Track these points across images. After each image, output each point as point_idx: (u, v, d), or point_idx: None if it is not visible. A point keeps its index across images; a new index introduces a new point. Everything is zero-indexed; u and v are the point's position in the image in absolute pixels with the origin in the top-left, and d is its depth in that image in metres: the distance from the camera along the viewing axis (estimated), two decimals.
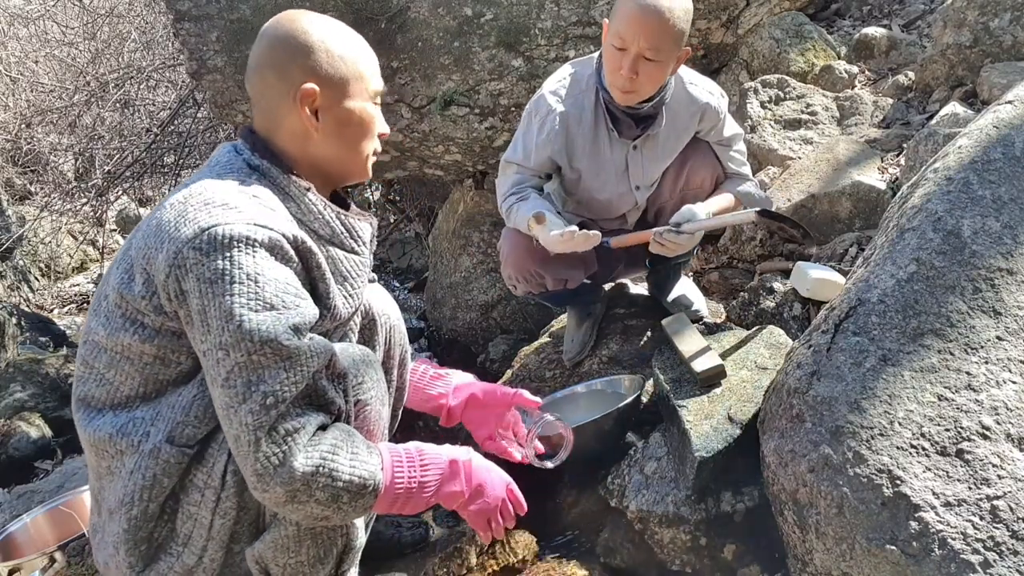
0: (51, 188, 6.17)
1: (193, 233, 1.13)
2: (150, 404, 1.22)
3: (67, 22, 6.18)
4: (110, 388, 1.24)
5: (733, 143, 2.05)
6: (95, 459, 1.26)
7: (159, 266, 1.15)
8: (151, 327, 1.19)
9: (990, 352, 1.34)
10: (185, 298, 1.14)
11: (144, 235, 1.20)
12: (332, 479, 1.16)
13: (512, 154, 2.01)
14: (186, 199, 1.19)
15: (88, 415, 1.25)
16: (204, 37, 3.21)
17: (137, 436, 1.20)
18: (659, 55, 1.73)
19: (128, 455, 1.21)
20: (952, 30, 2.81)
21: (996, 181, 1.49)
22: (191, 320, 1.15)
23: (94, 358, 1.25)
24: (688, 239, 1.85)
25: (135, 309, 1.19)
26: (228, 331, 1.11)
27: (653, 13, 1.70)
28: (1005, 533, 1.19)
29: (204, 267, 1.12)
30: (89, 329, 1.26)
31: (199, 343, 1.15)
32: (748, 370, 1.81)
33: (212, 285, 1.12)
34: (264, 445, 1.12)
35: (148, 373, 1.22)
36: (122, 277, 1.21)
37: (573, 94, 1.91)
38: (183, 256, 1.13)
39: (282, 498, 1.14)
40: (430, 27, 3.09)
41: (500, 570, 1.76)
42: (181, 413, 1.20)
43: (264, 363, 1.12)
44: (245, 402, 1.12)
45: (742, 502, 1.61)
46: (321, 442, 1.16)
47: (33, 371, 3.79)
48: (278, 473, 1.12)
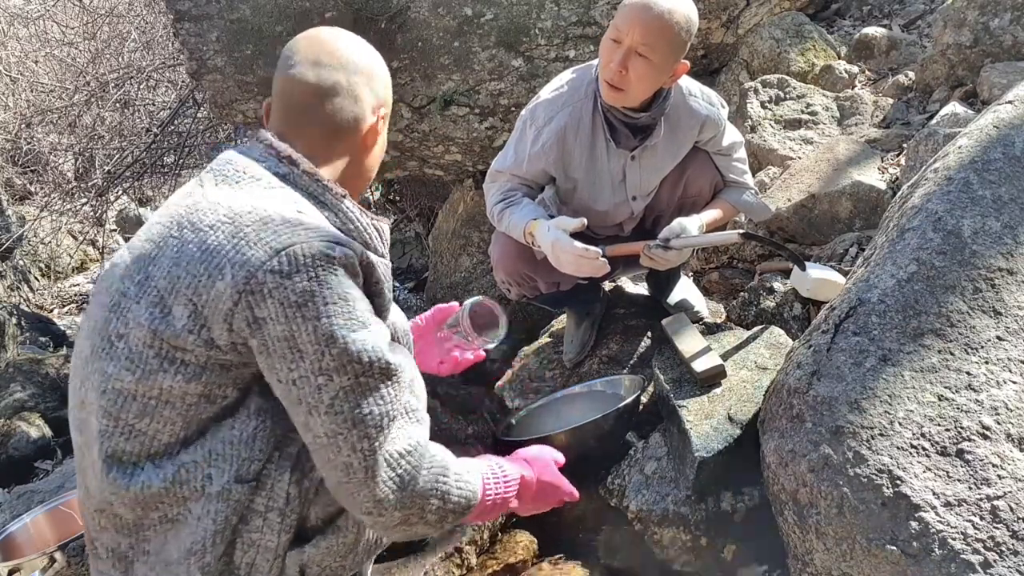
0: (51, 188, 6.16)
1: (266, 255, 1.05)
2: (195, 445, 1.12)
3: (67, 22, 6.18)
4: (144, 440, 1.11)
5: (733, 152, 2.04)
6: (138, 513, 1.13)
7: (219, 295, 1.06)
8: (195, 364, 1.09)
9: (990, 352, 1.34)
10: (261, 326, 1.06)
11: (179, 263, 1.09)
12: (444, 501, 1.15)
13: (503, 162, 1.99)
14: (233, 219, 1.09)
15: (123, 473, 1.11)
16: (204, 37, 3.21)
17: (198, 481, 1.11)
18: (652, 53, 1.72)
19: (194, 501, 1.11)
20: (952, 30, 2.81)
21: (996, 181, 1.49)
22: (270, 349, 1.06)
23: (120, 409, 1.11)
24: (676, 255, 1.85)
25: (173, 347, 1.08)
26: (330, 355, 1.06)
27: (652, 9, 1.70)
28: (1005, 533, 1.19)
29: (287, 290, 1.05)
30: (105, 376, 1.11)
31: (284, 372, 1.07)
32: (748, 370, 1.81)
33: (301, 308, 1.05)
34: (382, 471, 1.08)
35: (191, 415, 1.11)
36: (152, 313, 1.09)
37: (571, 102, 1.89)
38: (258, 281, 1.05)
39: (395, 522, 1.11)
40: (430, 27, 3.08)
41: (500, 570, 1.76)
42: (246, 450, 1.12)
43: (371, 384, 1.08)
44: (356, 427, 1.07)
45: (742, 502, 1.61)
46: (433, 462, 1.14)
47: (33, 371, 3.79)
48: (398, 499, 1.09)
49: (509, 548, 1.82)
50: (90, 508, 1.18)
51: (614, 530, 1.81)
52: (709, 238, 1.92)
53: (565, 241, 1.75)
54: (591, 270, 1.78)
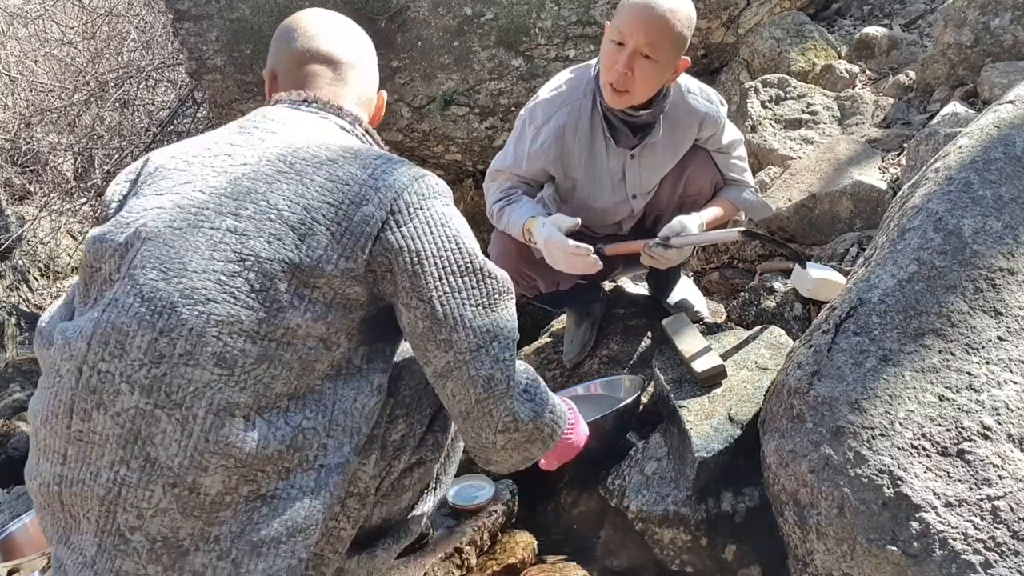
0: (50, 188, 6.16)
1: (408, 179, 1.13)
2: (310, 409, 1.07)
3: (66, 22, 6.18)
4: (258, 388, 1.04)
5: (733, 150, 2.03)
6: (231, 484, 1.02)
7: (365, 219, 1.08)
8: (322, 302, 1.07)
9: (991, 352, 1.34)
10: (408, 243, 1.10)
11: (305, 196, 1.08)
12: (554, 415, 1.20)
13: (503, 162, 1.99)
14: (356, 153, 1.15)
15: (236, 431, 1.02)
16: (203, 36, 3.21)
17: (312, 451, 1.06)
18: (656, 54, 1.72)
19: (299, 473, 1.05)
20: (953, 29, 2.81)
21: (997, 181, 1.49)
22: (413, 267, 1.09)
23: (238, 354, 1.03)
24: (677, 253, 1.85)
25: (303, 282, 1.05)
26: (471, 270, 1.12)
27: (655, 10, 1.70)
28: (1006, 533, 1.18)
29: (431, 211, 1.13)
30: (216, 321, 1.02)
31: (428, 289, 1.09)
32: (749, 370, 1.80)
33: (444, 227, 1.13)
34: (520, 379, 1.14)
35: (306, 363, 1.07)
36: (280, 245, 1.05)
37: (570, 102, 1.89)
38: (405, 201, 1.11)
39: (524, 438, 1.16)
40: (430, 27, 3.08)
41: (500, 570, 1.76)
42: (365, 424, 1.12)
43: (502, 300, 1.15)
44: (496, 338, 1.12)
45: (742, 502, 1.61)
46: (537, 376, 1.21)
47: (33, 371, 3.79)
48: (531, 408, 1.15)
49: (509, 548, 1.81)
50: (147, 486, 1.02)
51: (614, 530, 1.81)
52: (709, 236, 1.92)
53: (558, 238, 1.76)
54: (583, 267, 1.78)
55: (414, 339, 1.14)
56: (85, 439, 1.04)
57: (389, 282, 1.11)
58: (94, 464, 1.03)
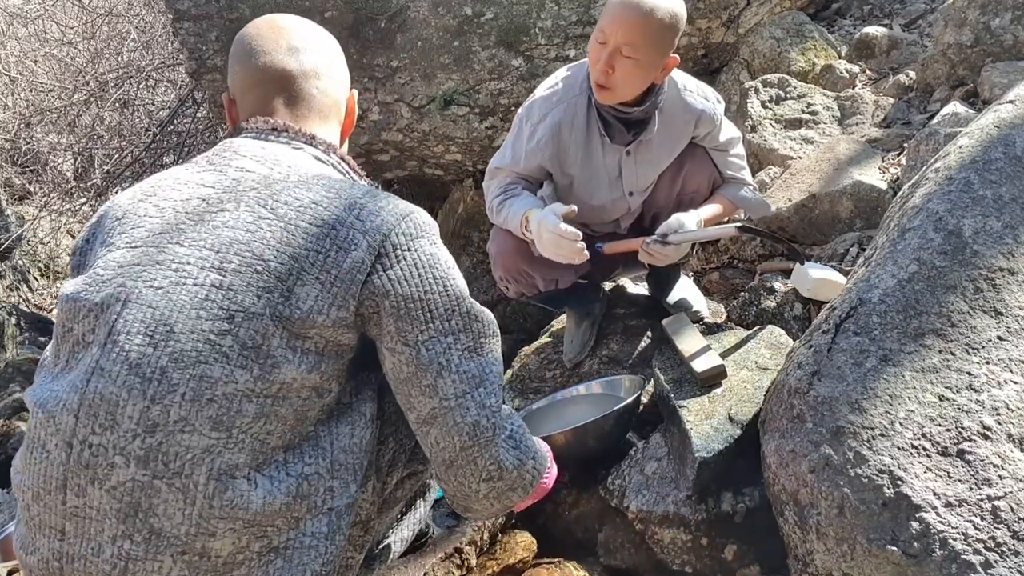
0: (50, 188, 6.16)
1: (394, 219, 1.09)
2: (307, 454, 1.06)
3: (66, 22, 6.18)
4: (255, 446, 1.01)
5: (730, 148, 2.03)
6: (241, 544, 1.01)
7: (356, 265, 1.05)
8: (314, 352, 1.05)
9: (991, 352, 1.34)
10: (394, 287, 1.06)
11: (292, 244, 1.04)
12: (536, 461, 1.17)
13: (501, 160, 2.00)
14: (338, 192, 1.09)
15: (237, 491, 1.00)
16: (203, 36, 3.21)
17: (319, 496, 1.05)
18: (636, 53, 1.72)
19: (309, 520, 1.04)
20: (953, 29, 2.81)
21: (997, 181, 1.49)
22: (400, 312, 1.06)
23: (235, 414, 1.00)
24: (675, 251, 1.85)
25: (294, 334, 1.03)
26: (458, 314, 1.09)
27: (634, 9, 1.70)
28: (1006, 533, 1.18)
29: (418, 252, 1.09)
30: (209, 382, 0.99)
31: (413, 334, 1.07)
32: (749, 370, 1.80)
33: (431, 269, 1.09)
34: (505, 424, 1.12)
35: (300, 414, 1.05)
36: (269, 299, 1.02)
37: (566, 99, 1.90)
38: (392, 243, 1.07)
39: (507, 485, 1.13)
40: (430, 26, 3.08)
41: (500, 570, 1.76)
42: (365, 457, 1.10)
43: (489, 344, 1.13)
44: (482, 384, 1.09)
45: (743, 502, 1.61)
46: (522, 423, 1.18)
47: (32, 371, 3.78)
48: (515, 456, 1.12)
49: (509, 548, 1.81)
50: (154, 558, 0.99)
51: (614, 530, 1.81)
52: (706, 232, 1.92)
53: (550, 220, 1.75)
54: (569, 252, 1.76)
55: (398, 384, 1.11)
56: (82, 515, 1.01)
57: (375, 324, 1.09)
58: (95, 539, 1.00)
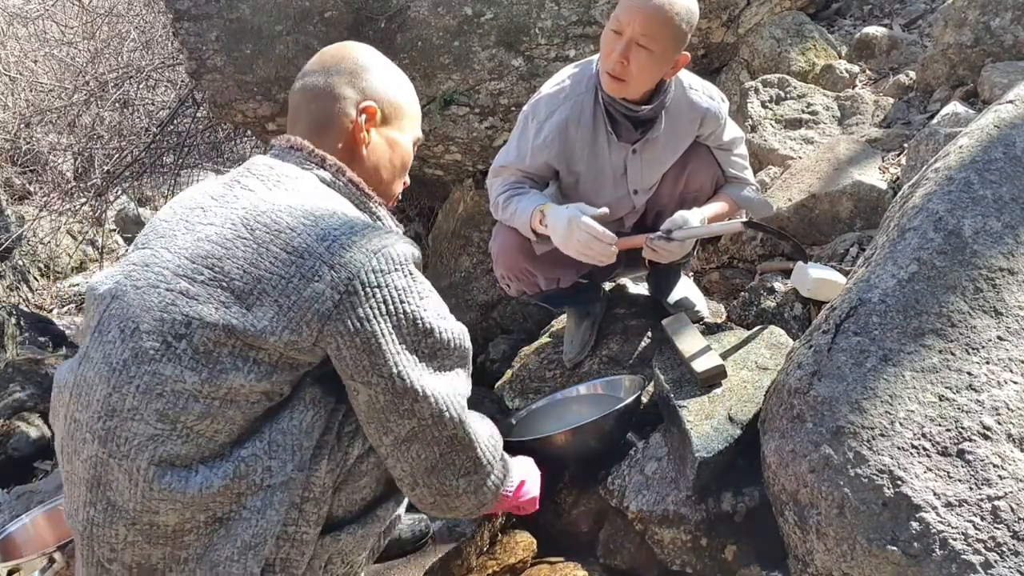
0: (50, 188, 6.16)
1: (365, 256, 1.10)
2: (251, 440, 1.12)
3: (66, 22, 6.17)
4: (201, 442, 1.09)
5: (734, 147, 2.04)
6: (185, 515, 1.10)
7: (315, 295, 1.08)
8: (267, 363, 1.10)
9: (991, 352, 1.34)
10: (363, 324, 1.09)
11: (259, 265, 1.09)
12: (505, 472, 1.30)
13: (507, 157, 1.99)
14: (316, 220, 1.12)
15: (180, 476, 1.08)
16: (203, 36, 3.20)
17: (258, 475, 1.10)
18: (652, 44, 1.72)
19: (250, 495, 1.11)
20: (953, 29, 2.81)
21: (997, 181, 1.49)
22: (372, 346, 1.10)
23: (180, 411, 1.08)
24: (679, 246, 1.85)
25: (248, 345, 1.08)
26: (426, 343, 1.15)
27: (653, 1, 1.70)
28: (1006, 533, 1.18)
29: (389, 288, 1.11)
30: (160, 378, 1.08)
31: (387, 366, 1.11)
32: (749, 370, 1.80)
33: (402, 304, 1.12)
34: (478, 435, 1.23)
35: (250, 413, 1.12)
36: (225, 312, 1.08)
37: (572, 96, 1.90)
38: (361, 281, 1.09)
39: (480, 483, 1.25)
40: (430, 26, 3.08)
41: (500, 570, 1.76)
42: (306, 439, 1.14)
43: (458, 363, 1.21)
44: (455, 398, 1.19)
45: (743, 502, 1.61)
46: (492, 439, 1.29)
47: (33, 371, 3.79)
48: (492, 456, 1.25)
49: (509, 548, 1.81)
50: (116, 524, 1.11)
51: (614, 530, 1.81)
52: (711, 228, 1.92)
53: (585, 219, 1.74)
54: (599, 253, 1.76)
55: (374, 413, 1.15)
56: (70, 480, 1.17)
57: (341, 360, 1.12)
58: (76, 502, 1.15)
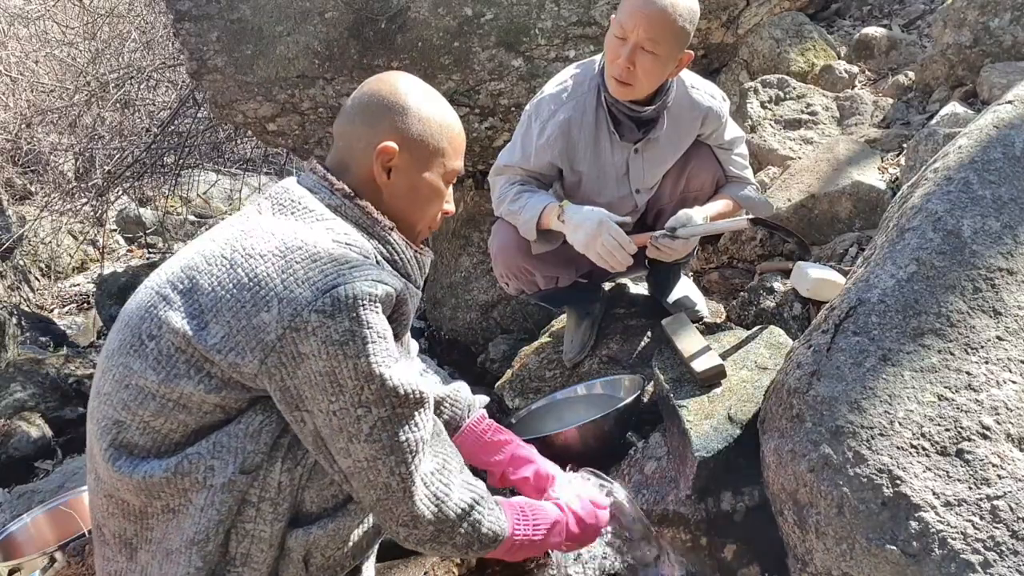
0: (51, 188, 6.17)
1: (312, 295, 1.10)
2: (199, 439, 1.17)
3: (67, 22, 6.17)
4: (156, 437, 1.16)
5: (734, 147, 2.04)
6: (142, 499, 1.17)
7: (262, 325, 1.10)
8: (219, 378, 1.14)
9: (990, 352, 1.34)
10: (302, 361, 1.10)
11: (225, 285, 1.14)
12: (474, 528, 1.23)
13: (510, 157, 1.99)
14: (285, 252, 1.14)
15: (130, 462, 1.16)
16: (204, 37, 3.21)
17: (200, 473, 1.14)
18: (657, 48, 1.73)
19: (194, 492, 1.15)
20: (952, 30, 2.81)
21: (996, 181, 1.49)
22: (311, 383, 1.11)
23: (138, 404, 1.16)
24: (683, 244, 1.85)
25: (203, 358, 1.13)
26: (369, 389, 1.12)
27: (656, 4, 1.71)
28: (1005, 533, 1.19)
29: (331, 329, 1.10)
30: (130, 371, 1.17)
31: (324, 404, 1.12)
32: (748, 370, 1.81)
33: (343, 347, 1.10)
34: (420, 490, 1.17)
35: (204, 422, 1.16)
36: (189, 323, 1.13)
37: (575, 96, 1.91)
38: (303, 319, 1.09)
39: (427, 536, 1.20)
40: (430, 27, 3.08)
41: (500, 570, 1.76)
42: (251, 443, 1.16)
43: (407, 414, 1.16)
44: (394, 452, 1.15)
45: (742, 502, 1.61)
46: (466, 484, 1.24)
47: (33, 371, 3.79)
48: (433, 514, 1.18)
49: None
50: (100, 493, 1.22)
51: None
52: (716, 226, 1.93)
53: (614, 226, 1.77)
54: (619, 261, 1.78)
55: (315, 445, 1.17)
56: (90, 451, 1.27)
57: (285, 391, 1.13)
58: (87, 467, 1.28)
